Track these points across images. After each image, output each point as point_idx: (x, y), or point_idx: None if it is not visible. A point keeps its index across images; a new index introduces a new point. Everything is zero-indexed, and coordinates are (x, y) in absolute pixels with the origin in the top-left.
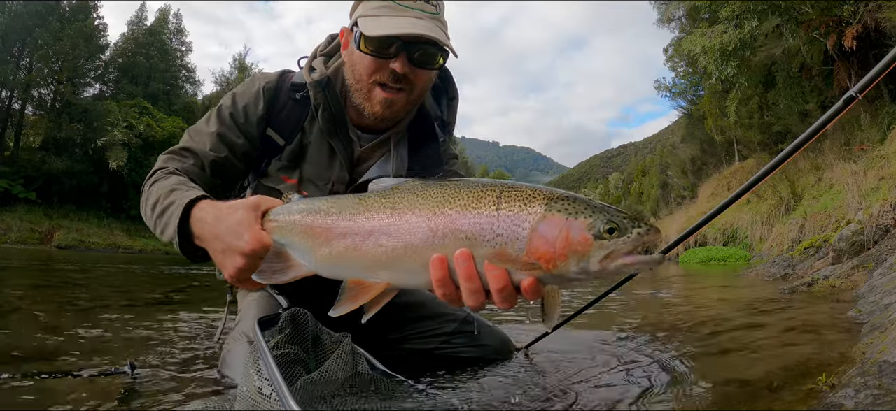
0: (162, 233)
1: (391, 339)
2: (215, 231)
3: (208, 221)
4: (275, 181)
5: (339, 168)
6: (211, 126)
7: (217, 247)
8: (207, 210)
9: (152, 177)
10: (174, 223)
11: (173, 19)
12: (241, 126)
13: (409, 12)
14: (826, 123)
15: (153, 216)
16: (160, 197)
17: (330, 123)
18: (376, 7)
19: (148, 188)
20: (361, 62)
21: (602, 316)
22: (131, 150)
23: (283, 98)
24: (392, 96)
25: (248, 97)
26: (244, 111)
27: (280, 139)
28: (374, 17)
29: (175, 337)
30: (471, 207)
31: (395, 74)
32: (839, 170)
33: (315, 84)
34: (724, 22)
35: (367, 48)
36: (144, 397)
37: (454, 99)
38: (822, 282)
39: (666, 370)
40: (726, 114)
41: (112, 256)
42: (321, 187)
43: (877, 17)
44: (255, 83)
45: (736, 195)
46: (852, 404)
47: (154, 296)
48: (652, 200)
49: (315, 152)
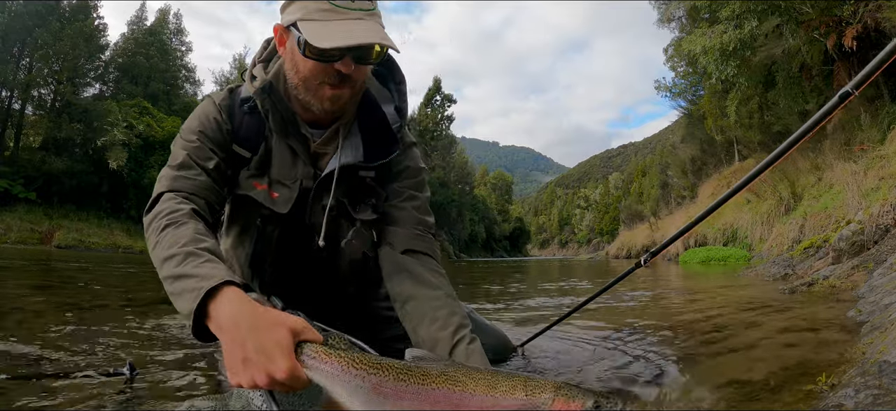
0: (174, 300)
1: (384, 339)
2: (243, 337)
3: (240, 325)
4: (247, 188)
5: (303, 165)
6: (192, 140)
7: (237, 354)
8: (239, 309)
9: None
10: (190, 306)
11: (173, 19)
12: (215, 139)
13: (350, 14)
14: (822, 119)
15: (164, 273)
16: (176, 255)
17: (281, 125)
18: (315, 9)
19: (160, 230)
20: (305, 65)
21: (600, 315)
22: (131, 150)
23: (237, 113)
24: (338, 91)
25: (213, 113)
26: (216, 124)
27: (245, 152)
28: (316, 22)
29: (175, 337)
30: (509, 393)
31: (340, 74)
32: (839, 170)
33: (259, 91)
34: (724, 22)
35: (311, 55)
36: (144, 397)
37: (401, 83)
38: (822, 282)
39: (665, 369)
40: (726, 114)
41: (112, 256)
42: (289, 185)
43: (877, 17)
44: (213, 101)
45: (728, 195)
46: (852, 404)
47: (154, 296)
48: (652, 200)
49: (278, 155)
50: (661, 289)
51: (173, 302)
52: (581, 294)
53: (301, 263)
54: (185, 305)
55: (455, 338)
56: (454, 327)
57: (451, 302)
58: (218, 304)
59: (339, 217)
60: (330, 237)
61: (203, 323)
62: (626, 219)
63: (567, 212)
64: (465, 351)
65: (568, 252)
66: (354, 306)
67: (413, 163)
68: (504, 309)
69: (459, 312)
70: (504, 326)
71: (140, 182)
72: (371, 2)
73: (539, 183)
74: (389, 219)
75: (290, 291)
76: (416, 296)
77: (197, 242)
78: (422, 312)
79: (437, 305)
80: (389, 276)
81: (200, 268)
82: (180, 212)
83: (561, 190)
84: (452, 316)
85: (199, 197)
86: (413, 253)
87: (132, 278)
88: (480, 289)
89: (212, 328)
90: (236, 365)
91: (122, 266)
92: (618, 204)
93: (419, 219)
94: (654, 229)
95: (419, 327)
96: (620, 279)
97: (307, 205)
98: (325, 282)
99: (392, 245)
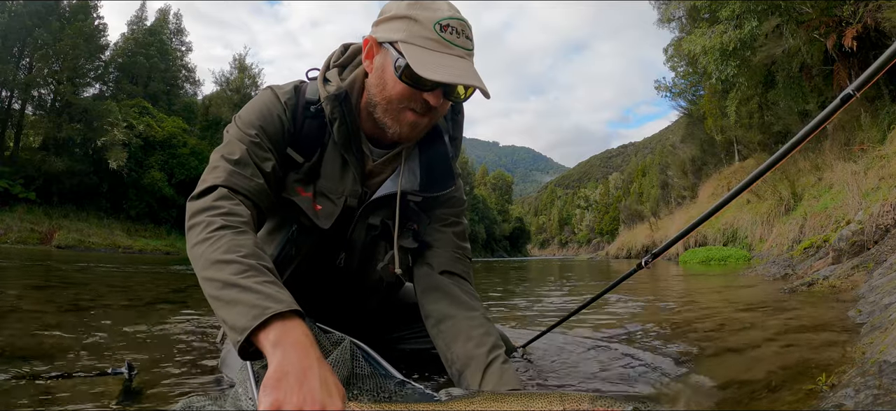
0: (219, 306)
1: (389, 339)
2: (310, 364)
3: (309, 353)
4: (290, 192)
5: (353, 181)
6: (253, 134)
7: (298, 375)
8: (309, 340)
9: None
10: (248, 322)
11: (173, 19)
12: (274, 139)
13: (454, 50)
14: (823, 122)
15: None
16: (235, 263)
17: (345, 137)
18: (423, 38)
19: (215, 227)
20: (396, 87)
21: (601, 316)
22: (131, 150)
23: (300, 115)
24: (419, 119)
25: (277, 110)
26: (279, 123)
27: (299, 157)
28: (421, 49)
29: (175, 337)
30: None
31: (426, 104)
32: (839, 170)
33: (332, 98)
34: (724, 22)
35: (407, 79)
36: (143, 397)
37: (459, 113)
38: (822, 282)
39: (665, 369)
40: (726, 114)
41: (112, 256)
42: (335, 201)
43: (877, 17)
44: (277, 97)
45: (730, 196)
46: (852, 404)
47: (154, 296)
48: (652, 200)
49: (329, 165)
50: (662, 290)
51: (216, 307)
52: (582, 294)
53: (324, 273)
54: (239, 319)
55: (490, 357)
56: (489, 346)
57: (487, 323)
58: (286, 327)
59: (379, 237)
60: (364, 256)
61: (250, 339)
62: (626, 219)
63: (567, 212)
64: (499, 370)
65: (568, 252)
66: (371, 318)
67: (458, 193)
68: (504, 310)
69: (494, 333)
70: (505, 327)
71: (140, 182)
72: (471, 43)
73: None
74: (429, 242)
75: (306, 296)
76: (452, 315)
77: (259, 258)
78: (457, 330)
79: (473, 325)
80: (425, 294)
81: (265, 288)
82: (239, 217)
83: (561, 190)
84: (487, 337)
85: (253, 200)
86: (450, 274)
87: (132, 278)
88: (480, 289)
89: (265, 343)
90: (290, 383)
91: (122, 266)
92: (618, 204)
93: (458, 245)
94: (655, 229)
95: (454, 344)
96: (621, 280)
97: (352, 223)
98: (345, 294)
99: (430, 265)
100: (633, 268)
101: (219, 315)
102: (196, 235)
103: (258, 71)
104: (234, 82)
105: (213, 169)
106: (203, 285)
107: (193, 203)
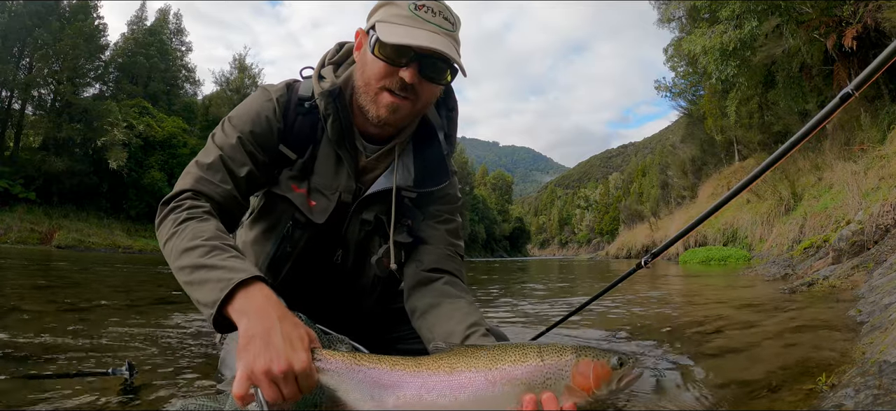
0: (191, 288)
1: (387, 339)
2: (272, 324)
3: (270, 313)
4: (284, 189)
5: (347, 177)
6: (232, 139)
7: (262, 337)
8: (270, 301)
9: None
10: (215, 295)
11: (173, 19)
12: (262, 140)
13: (428, 26)
14: (822, 121)
15: (182, 262)
16: (199, 247)
17: (339, 133)
18: (396, 15)
19: (180, 221)
20: (373, 66)
21: (602, 316)
22: (131, 150)
23: (292, 112)
24: (398, 102)
25: (266, 111)
26: (267, 124)
27: (292, 154)
28: (393, 24)
29: (175, 337)
30: (520, 361)
31: (403, 83)
32: (839, 170)
33: (326, 94)
34: (724, 22)
35: (380, 54)
36: (143, 398)
37: (453, 110)
38: (822, 282)
39: (665, 369)
40: (726, 114)
41: (112, 256)
42: (329, 196)
43: (877, 17)
44: (270, 96)
45: (730, 195)
46: (852, 404)
47: (154, 296)
48: (652, 200)
49: (323, 162)
50: (662, 290)
51: (190, 290)
52: (582, 295)
53: (321, 271)
54: (209, 295)
55: (468, 332)
56: (468, 323)
57: (470, 307)
58: (249, 294)
59: (373, 233)
60: (359, 252)
61: (222, 312)
62: (626, 219)
63: (567, 212)
64: (478, 341)
65: (568, 252)
66: (368, 318)
67: (453, 190)
68: (504, 310)
69: (477, 314)
70: (505, 327)
71: (140, 182)
72: (452, 25)
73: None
74: (421, 238)
75: (304, 296)
76: (437, 304)
77: (221, 238)
78: (439, 315)
79: (456, 308)
80: (411, 291)
81: (228, 262)
82: (202, 208)
83: (561, 190)
84: (469, 316)
85: (219, 204)
86: (440, 271)
87: (132, 278)
88: (481, 289)
89: (233, 313)
90: (257, 346)
91: (122, 266)
92: (618, 204)
93: (450, 241)
94: (654, 229)
95: (435, 326)
96: (621, 280)
97: (346, 219)
98: (342, 292)
99: (420, 261)
100: (633, 267)
101: (193, 298)
102: (165, 233)
103: (258, 71)
104: (234, 82)
105: (185, 174)
106: (177, 276)
107: (162, 208)
